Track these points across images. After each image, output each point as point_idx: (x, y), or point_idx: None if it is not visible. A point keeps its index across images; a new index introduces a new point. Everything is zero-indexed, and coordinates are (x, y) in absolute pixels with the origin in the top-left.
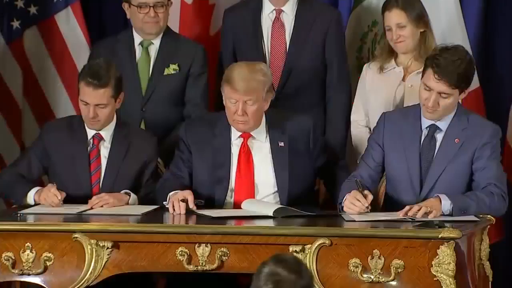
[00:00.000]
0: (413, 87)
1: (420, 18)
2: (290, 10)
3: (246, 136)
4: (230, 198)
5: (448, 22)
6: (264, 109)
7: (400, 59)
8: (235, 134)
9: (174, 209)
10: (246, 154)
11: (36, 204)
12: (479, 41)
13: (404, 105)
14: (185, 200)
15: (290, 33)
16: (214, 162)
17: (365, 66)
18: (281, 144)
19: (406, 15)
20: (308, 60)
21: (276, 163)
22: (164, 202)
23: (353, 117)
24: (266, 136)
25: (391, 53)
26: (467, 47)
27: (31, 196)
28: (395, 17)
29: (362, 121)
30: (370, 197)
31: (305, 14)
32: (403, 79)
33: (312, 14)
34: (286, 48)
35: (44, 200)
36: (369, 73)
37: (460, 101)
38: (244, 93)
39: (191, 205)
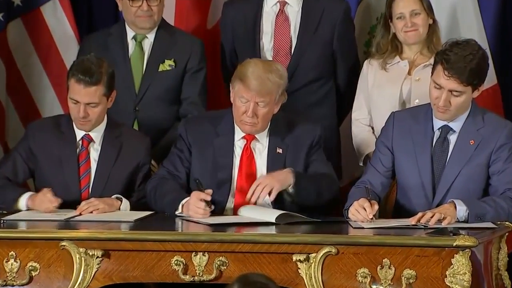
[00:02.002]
0: (420, 80)
1: (430, 8)
2: (296, 3)
3: (249, 138)
4: (231, 202)
5: (463, 15)
6: (274, 112)
7: (405, 54)
8: (238, 135)
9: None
10: (249, 157)
11: (28, 210)
12: (497, 34)
13: (412, 100)
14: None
15: (295, 27)
16: (215, 163)
17: (365, 62)
18: (279, 150)
19: (420, 2)
20: (316, 55)
21: (270, 169)
22: (177, 212)
23: (354, 115)
24: (266, 139)
25: (396, 48)
26: (484, 42)
27: (23, 202)
28: (410, 3)
29: (364, 119)
30: (376, 207)
31: (312, 6)
32: (409, 73)
33: (319, 6)
34: (291, 43)
35: (39, 205)
36: (370, 69)
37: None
38: (257, 94)
39: (209, 200)
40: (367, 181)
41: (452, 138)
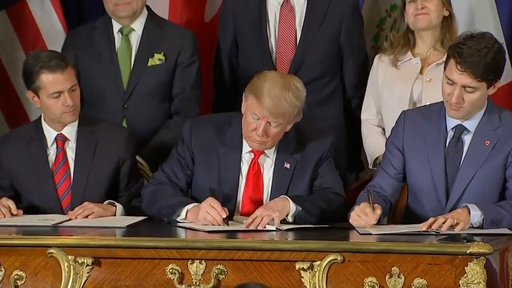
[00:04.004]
0: (432, 81)
1: None
2: None
3: (257, 153)
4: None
5: (478, 7)
6: (286, 131)
7: (418, 49)
8: (246, 148)
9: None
10: (256, 173)
11: None
12: None
13: (423, 102)
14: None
15: (301, 19)
16: (220, 177)
17: (376, 57)
18: (287, 165)
19: None
20: (321, 50)
21: (275, 184)
22: (179, 218)
23: (363, 115)
24: (274, 154)
25: (408, 42)
26: (500, 36)
27: None
28: None
29: (374, 120)
30: (378, 212)
31: None
32: (421, 72)
33: None
34: (296, 36)
35: None
36: (381, 65)
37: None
38: (270, 114)
39: (224, 214)
40: (376, 185)
41: (467, 139)
